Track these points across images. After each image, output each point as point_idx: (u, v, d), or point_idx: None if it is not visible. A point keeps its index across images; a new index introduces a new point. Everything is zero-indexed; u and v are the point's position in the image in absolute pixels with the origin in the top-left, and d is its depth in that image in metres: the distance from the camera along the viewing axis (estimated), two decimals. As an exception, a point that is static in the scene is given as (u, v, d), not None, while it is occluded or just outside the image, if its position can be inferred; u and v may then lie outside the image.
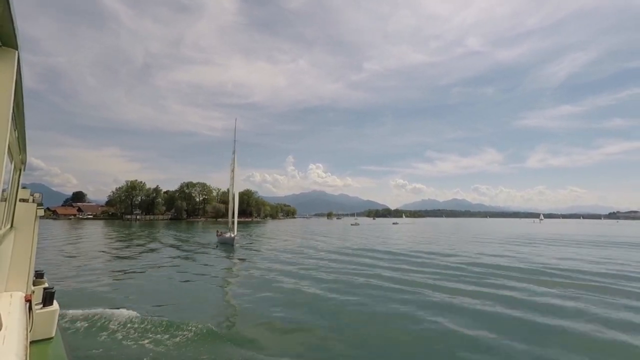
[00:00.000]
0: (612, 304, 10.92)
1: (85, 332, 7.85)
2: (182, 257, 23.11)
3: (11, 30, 1.53)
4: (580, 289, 13.02)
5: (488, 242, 36.29)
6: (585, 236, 48.75)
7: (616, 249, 30.45)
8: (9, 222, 3.68)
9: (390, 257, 22.61)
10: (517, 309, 10.14)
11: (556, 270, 17.24)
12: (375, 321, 9.23)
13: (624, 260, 21.71)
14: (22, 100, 2.33)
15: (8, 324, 2.28)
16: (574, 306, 10.59)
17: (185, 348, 7.13)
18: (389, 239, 40.89)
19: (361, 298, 11.50)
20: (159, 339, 7.48)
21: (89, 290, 12.55)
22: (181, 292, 13.00)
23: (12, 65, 1.70)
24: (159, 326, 8.16)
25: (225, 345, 7.44)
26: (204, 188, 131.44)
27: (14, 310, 2.78)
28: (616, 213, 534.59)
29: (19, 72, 1.83)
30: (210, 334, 7.94)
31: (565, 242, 37.17)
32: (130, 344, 7.19)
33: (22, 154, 3.85)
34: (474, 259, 21.72)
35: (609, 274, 16.52)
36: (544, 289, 12.92)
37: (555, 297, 11.79)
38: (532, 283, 13.94)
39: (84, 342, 7.27)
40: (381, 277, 15.18)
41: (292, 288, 13.15)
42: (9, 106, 1.69)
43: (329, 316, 9.68)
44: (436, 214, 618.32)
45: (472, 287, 13.25)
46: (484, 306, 10.53)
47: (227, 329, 8.69)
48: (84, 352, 6.74)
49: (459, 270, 17.27)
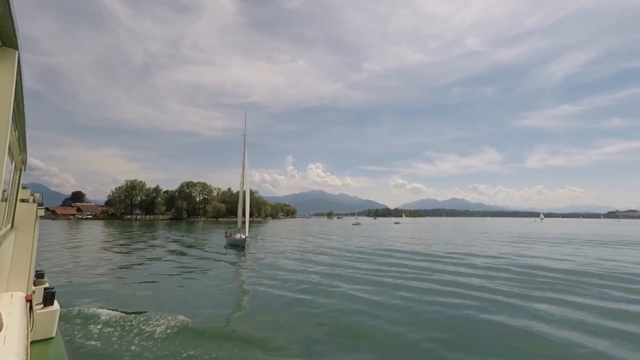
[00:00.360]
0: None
1: (86, 332, 7.80)
2: (190, 258, 22.15)
3: (11, 30, 1.53)
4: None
5: (516, 242, 35.23)
6: (607, 236, 46.69)
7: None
8: (9, 222, 3.66)
9: (429, 259, 21.25)
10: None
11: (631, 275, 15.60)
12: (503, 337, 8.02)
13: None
14: (23, 101, 2.31)
15: (9, 324, 2.27)
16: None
17: (187, 349, 6.93)
18: (403, 238, 39.97)
19: (455, 310, 9.91)
20: (161, 339, 7.44)
21: (90, 291, 12.33)
22: (189, 294, 12.46)
23: (13, 65, 1.69)
24: (162, 327, 8.08)
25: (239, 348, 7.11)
26: (204, 188, 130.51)
27: (14, 310, 2.78)
28: (615, 212, 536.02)
29: (20, 72, 1.82)
30: (221, 336, 7.77)
31: (602, 242, 35.51)
32: (132, 344, 7.14)
33: (23, 154, 3.84)
34: (530, 260, 20.42)
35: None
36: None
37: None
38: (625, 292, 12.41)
39: (84, 342, 7.24)
40: (446, 283, 13.63)
41: (334, 294, 11.81)
42: (9, 106, 1.69)
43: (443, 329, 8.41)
44: (435, 213, 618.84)
45: (581, 299, 11.20)
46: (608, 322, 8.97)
47: (244, 331, 8.07)
48: (84, 352, 6.70)
49: (526, 275, 15.61)
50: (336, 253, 24.70)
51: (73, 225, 67.39)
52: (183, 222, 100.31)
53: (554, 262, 19.98)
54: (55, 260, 19.97)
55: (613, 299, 11.39)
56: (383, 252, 24.79)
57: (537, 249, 27.84)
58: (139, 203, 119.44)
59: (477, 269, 17.32)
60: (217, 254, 24.52)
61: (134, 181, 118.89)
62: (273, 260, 20.51)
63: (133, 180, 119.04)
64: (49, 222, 77.57)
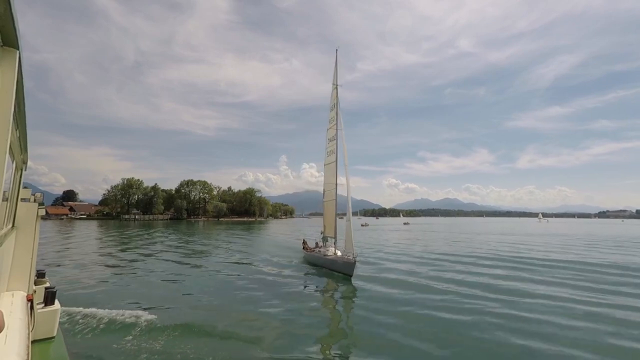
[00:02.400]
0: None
1: (87, 331, 7.72)
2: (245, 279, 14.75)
3: (12, 30, 1.53)
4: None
5: (606, 246, 32.17)
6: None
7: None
8: (10, 221, 3.65)
9: (521, 265, 18.77)
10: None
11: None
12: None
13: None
14: (24, 100, 2.30)
15: (10, 324, 2.30)
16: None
17: (190, 349, 6.80)
18: (462, 242, 36.63)
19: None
20: (163, 339, 7.32)
21: (91, 291, 12.10)
22: (187, 290, 12.02)
23: (14, 65, 1.69)
24: (165, 328, 7.98)
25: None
26: (204, 186, 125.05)
27: (15, 310, 2.81)
28: (606, 212, 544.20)
29: (20, 72, 1.82)
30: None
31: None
32: (133, 344, 7.03)
33: (24, 153, 3.83)
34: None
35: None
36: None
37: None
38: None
39: (85, 341, 7.19)
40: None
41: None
42: (10, 106, 1.69)
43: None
44: (430, 213, 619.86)
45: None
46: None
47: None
48: (85, 352, 6.62)
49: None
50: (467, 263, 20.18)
51: (67, 226, 62.51)
52: (183, 222, 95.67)
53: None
54: (55, 260, 19.15)
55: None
56: (493, 262, 20.63)
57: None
58: (136, 202, 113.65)
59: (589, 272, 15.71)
60: (292, 278, 15.17)
61: (130, 179, 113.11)
62: (406, 296, 11.81)
63: (130, 178, 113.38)
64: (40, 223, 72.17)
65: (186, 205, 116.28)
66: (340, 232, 19.00)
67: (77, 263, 18.50)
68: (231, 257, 21.92)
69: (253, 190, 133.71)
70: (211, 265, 18.82)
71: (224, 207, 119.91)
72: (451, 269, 17.67)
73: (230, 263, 19.50)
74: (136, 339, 7.27)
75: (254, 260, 20.85)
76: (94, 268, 17.10)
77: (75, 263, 18.50)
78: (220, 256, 22.65)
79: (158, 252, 24.62)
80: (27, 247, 3.94)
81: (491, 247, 29.46)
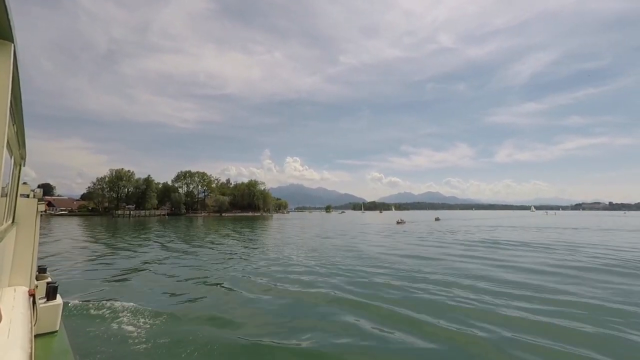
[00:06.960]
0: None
1: (89, 325, 7.40)
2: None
3: (6, 22, 1.49)
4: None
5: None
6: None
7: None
8: (10, 217, 3.64)
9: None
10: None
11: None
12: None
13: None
14: (20, 94, 2.25)
15: (12, 318, 2.31)
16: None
17: (191, 345, 6.37)
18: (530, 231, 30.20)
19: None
20: (165, 332, 6.99)
21: (93, 286, 11.19)
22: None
23: (9, 58, 1.64)
24: (167, 322, 7.62)
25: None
26: (203, 178, 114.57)
27: (17, 305, 2.78)
28: (581, 204, 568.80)
29: (16, 65, 1.77)
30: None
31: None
32: (136, 338, 6.74)
33: (22, 149, 3.79)
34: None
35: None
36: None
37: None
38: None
39: (88, 335, 6.86)
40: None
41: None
42: (6, 100, 1.65)
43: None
44: (416, 207, 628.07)
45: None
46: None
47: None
48: (88, 346, 6.34)
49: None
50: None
51: (49, 224, 52.12)
52: (182, 217, 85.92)
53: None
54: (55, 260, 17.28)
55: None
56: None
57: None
58: (127, 196, 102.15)
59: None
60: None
61: (120, 170, 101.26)
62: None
63: (119, 169, 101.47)
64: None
65: (184, 199, 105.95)
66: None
67: (78, 261, 17.08)
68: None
69: (256, 183, 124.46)
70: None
71: (226, 200, 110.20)
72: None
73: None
74: (142, 333, 6.86)
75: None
76: (96, 267, 15.57)
77: (76, 261, 17.13)
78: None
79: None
80: (27, 242, 3.88)
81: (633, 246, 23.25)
